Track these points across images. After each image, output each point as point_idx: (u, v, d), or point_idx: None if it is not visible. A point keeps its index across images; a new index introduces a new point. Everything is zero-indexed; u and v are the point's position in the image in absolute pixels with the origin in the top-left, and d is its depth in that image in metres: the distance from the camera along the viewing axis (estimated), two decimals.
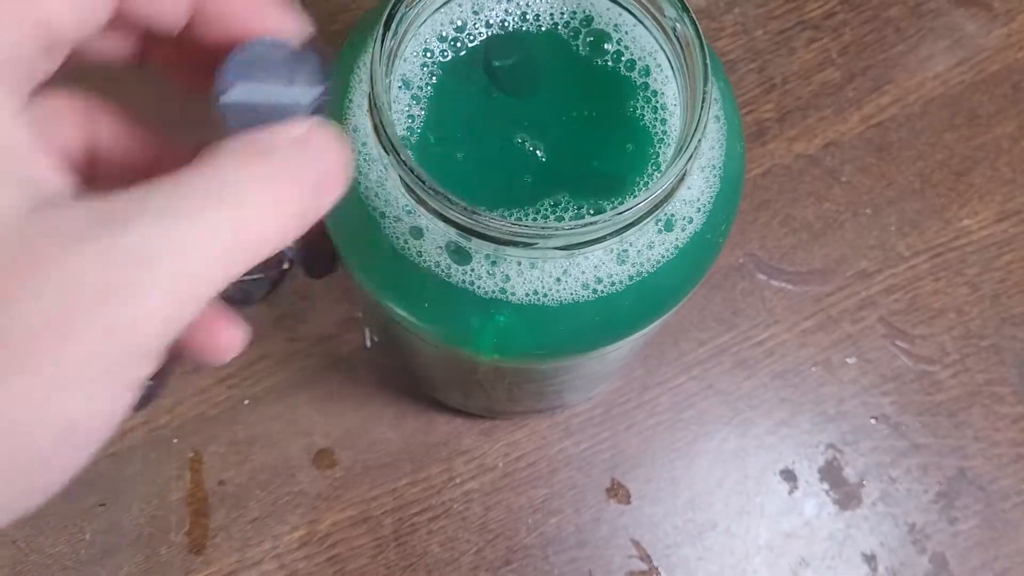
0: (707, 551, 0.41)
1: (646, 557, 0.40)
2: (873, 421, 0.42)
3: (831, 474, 0.41)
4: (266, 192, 0.18)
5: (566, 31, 0.28)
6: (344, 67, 0.28)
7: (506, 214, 0.26)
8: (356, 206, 0.27)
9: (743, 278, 0.43)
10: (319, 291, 0.42)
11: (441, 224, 0.24)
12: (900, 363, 0.43)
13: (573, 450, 0.41)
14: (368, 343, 0.40)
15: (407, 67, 0.28)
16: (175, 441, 0.41)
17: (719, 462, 0.42)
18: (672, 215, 0.27)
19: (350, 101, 0.27)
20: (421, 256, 0.26)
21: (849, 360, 0.43)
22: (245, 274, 0.19)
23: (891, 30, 0.47)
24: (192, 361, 0.22)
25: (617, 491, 0.41)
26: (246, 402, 0.41)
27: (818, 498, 0.41)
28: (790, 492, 0.41)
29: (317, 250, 0.33)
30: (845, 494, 0.41)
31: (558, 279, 0.26)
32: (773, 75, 0.46)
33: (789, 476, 0.41)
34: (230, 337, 0.22)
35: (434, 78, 0.28)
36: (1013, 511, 0.41)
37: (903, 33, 0.47)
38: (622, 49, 0.28)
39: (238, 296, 0.38)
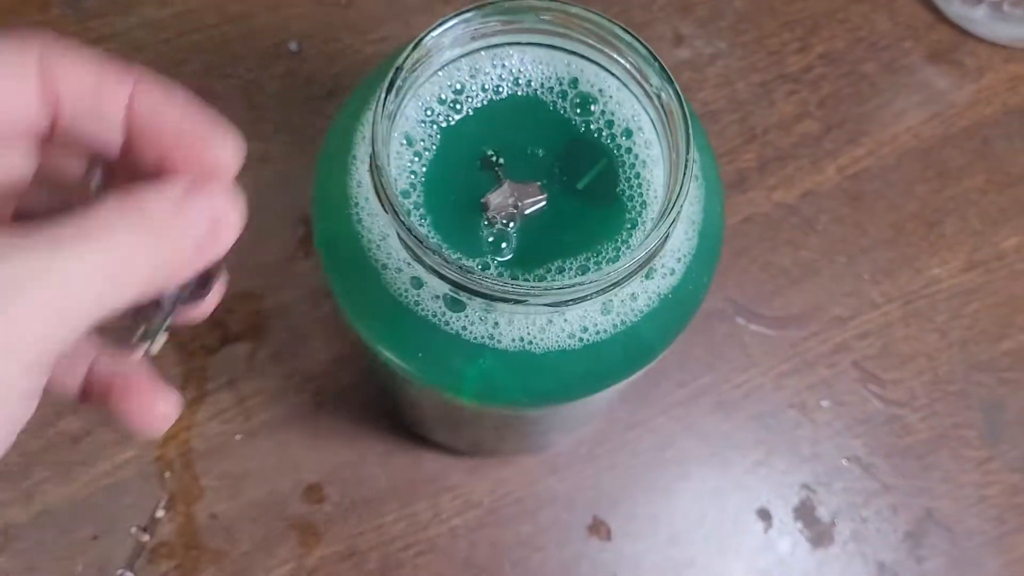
0: None
1: None
2: (845, 462, 0.44)
3: (805, 513, 0.43)
4: (135, 241, 0.20)
5: (551, 95, 0.30)
6: (345, 125, 0.30)
7: (499, 271, 0.28)
8: (358, 258, 0.28)
9: (723, 322, 0.45)
10: (312, 328, 0.43)
11: (436, 279, 0.26)
12: (872, 406, 0.44)
13: (558, 487, 0.43)
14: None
15: (409, 125, 0.29)
16: (167, 475, 0.42)
17: (698, 501, 0.43)
18: (653, 266, 0.28)
19: (354, 157, 0.29)
20: (419, 305, 0.27)
21: (823, 403, 0.44)
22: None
23: (867, 85, 0.49)
24: (127, 430, 0.24)
25: (599, 528, 0.42)
26: (238, 437, 0.42)
27: (792, 536, 0.43)
28: (765, 531, 0.43)
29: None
30: (818, 533, 0.43)
31: (542, 328, 0.27)
32: (754, 126, 0.48)
33: (765, 515, 0.43)
34: (164, 409, 0.24)
35: (437, 137, 0.29)
36: (977, 551, 0.43)
37: (878, 88, 0.49)
38: (607, 112, 0.29)
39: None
